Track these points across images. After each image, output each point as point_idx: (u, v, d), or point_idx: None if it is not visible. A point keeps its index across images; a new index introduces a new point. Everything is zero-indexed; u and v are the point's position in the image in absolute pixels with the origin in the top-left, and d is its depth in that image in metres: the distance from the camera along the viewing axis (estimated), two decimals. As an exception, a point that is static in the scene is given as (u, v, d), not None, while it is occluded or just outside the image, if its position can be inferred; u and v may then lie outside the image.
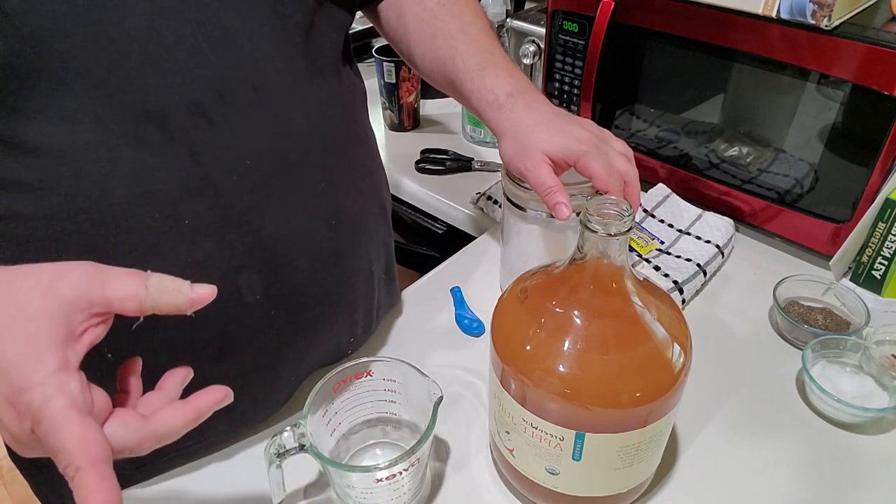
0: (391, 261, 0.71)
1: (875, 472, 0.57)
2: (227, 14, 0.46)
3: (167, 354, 0.50)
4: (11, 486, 1.68)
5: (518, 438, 0.50)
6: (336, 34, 0.57)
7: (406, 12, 0.65)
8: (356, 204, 0.59)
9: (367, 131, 0.63)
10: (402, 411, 0.56)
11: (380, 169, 0.66)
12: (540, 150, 0.56)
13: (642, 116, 0.88)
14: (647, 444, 0.48)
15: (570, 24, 0.87)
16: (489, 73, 0.60)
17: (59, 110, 0.41)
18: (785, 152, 0.76)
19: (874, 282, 0.73)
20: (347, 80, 0.59)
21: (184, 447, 0.58)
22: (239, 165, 0.47)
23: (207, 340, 0.52)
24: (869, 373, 0.63)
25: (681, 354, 0.47)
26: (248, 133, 0.47)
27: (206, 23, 0.45)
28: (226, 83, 0.46)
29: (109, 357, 0.49)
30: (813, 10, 0.65)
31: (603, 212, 0.43)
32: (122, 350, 0.49)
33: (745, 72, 0.75)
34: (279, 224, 0.51)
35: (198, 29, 0.44)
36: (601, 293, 0.46)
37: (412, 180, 1.00)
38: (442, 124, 1.16)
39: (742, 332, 0.72)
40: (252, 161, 0.48)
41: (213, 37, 0.45)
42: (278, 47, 0.49)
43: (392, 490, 0.50)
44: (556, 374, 0.45)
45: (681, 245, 0.79)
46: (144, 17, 0.42)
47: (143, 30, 0.42)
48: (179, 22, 0.44)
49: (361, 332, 0.66)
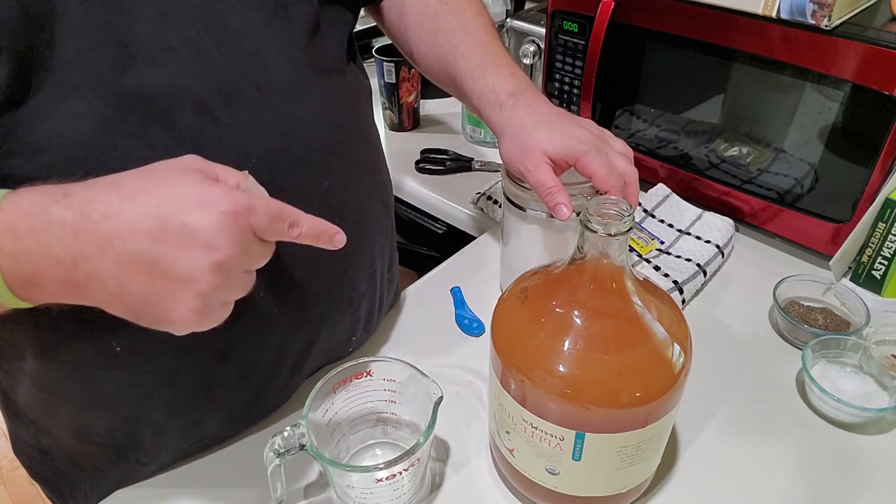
0: (394, 259, 0.71)
1: (875, 472, 0.57)
2: (231, 16, 0.47)
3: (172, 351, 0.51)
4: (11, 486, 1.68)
5: (518, 438, 0.50)
6: (340, 34, 0.57)
7: (408, 11, 0.66)
8: (360, 201, 0.59)
9: (371, 129, 0.63)
10: (402, 411, 0.56)
11: (383, 167, 0.66)
12: (540, 149, 0.56)
13: (642, 116, 0.88)
14: (647, 444, 0.48)
15: (570, 24, 0.87)
16: (490, 72, 0.60)
17: (69, 111, 0.41)
18: (785, 152, 0.76)
19: (874, 282, 0.73)
20: (352, 78, 0.59)
21: (184, 447, 0.58)
22: (244, 164, 0.47)
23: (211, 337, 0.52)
24: (869, 373, 0.63)
25: (681, 354, 0.47)
26: (253, 132, 0.48)
27: (212, 24, 0.46)
28: (231, 83, 0.46)
29: (118, 350, 0.49)
30: (813, 10, 0.65)
31: (603, 212, 0.43)
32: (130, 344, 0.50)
33: (745, 72, 0.75)
34: None
35: (203, 30, 0.45)
36: (601, 293, 0.46)
37: (412, 180, 1.00)
38: (442, 124, 1.16)
39: (742, 332, 0.72)
40: (257, 159, 0.48)
41: (219, 38, 0.46)
42: (283, 48, 0.50)
43: (392, 490, 0.50)
44: (556, 374, 0.45)
45: (681, 245, 0.79)
46: (151, 20, 0.43)
47: (149, 32, 0.43)
48: (185, 24, 0.44)
49: (363, 331, 0.66)
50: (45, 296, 0.37)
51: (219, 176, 0.39)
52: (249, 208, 0.37)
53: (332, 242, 0.43)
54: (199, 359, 0.52)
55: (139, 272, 0.35)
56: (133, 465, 0.57)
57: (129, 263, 0.35)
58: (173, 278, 0.36)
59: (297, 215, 0.40)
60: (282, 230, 0.39)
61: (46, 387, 0.54)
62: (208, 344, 0.52)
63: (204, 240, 0.35)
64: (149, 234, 0.35)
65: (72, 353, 0.50)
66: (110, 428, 0.55)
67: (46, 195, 0.35)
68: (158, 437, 0.56)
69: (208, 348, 0.52)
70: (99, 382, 0.52)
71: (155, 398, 0.53)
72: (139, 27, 0.42)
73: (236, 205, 0.36)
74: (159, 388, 0.53)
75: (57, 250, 0.35)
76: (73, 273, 0.35)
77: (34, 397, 0.56)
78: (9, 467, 1.70)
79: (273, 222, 0.39)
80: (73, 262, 0.35)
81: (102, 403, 0.53)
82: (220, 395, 0.56)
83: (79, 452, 0.58)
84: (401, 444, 0.57)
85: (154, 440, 0.56)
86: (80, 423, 0.56)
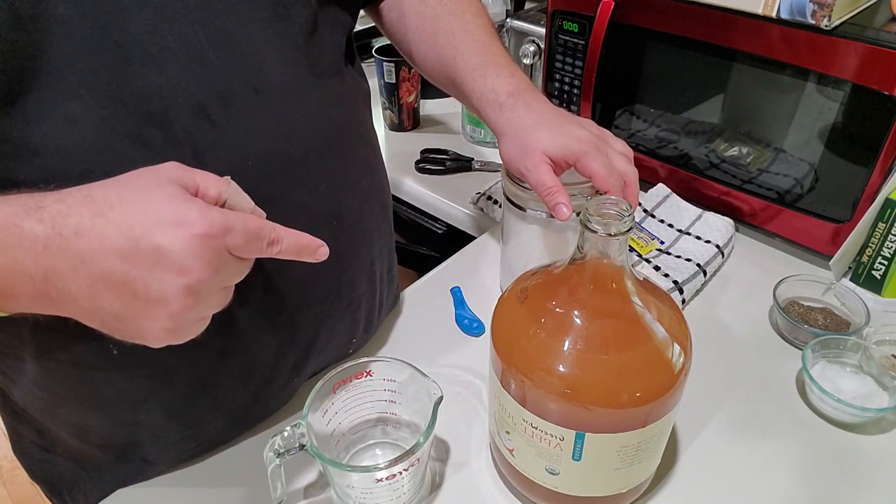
0: (393, 260, 0.71)
1: (875, 472, 0.57)
2: (229, 17, 0.46)
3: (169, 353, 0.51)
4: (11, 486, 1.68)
5: (518, 438, 0.50)
6: (338, 35, 0.57)
7: (407, 11, 0.66)
8: (358, 203, 0.59)
9: (369, 131, 0.63)
10: (402, 411, 0.56)
11: (382, 168, 0.66)
12: (540, 149, 0.56)
13: (642, 116, 0.88)
14: (647, 444, 0.48)
15: (570, 24, 0.87)
16: (490, 72, 0.60)
17: (65, 112, 0.41)
18: (785, 152, 0.76)
19: (874, 282, 0.73)
20: (350, 80, 0.59)
21: (187, 448, 0.58)
22: (241, 166, 0.47)
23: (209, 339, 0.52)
24: (869, 373, 0.64)
25: (681, 354, 0.47)
26: (250, 134, 0.48)
27: (209, 26, 0.45)
28: (228, 85, 0.46)
29: (115, 353, 0.49)
30: (813, 10, 0.65)
31: (603, 212, 0.43)
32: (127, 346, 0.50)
33: (745, 72, 0.75)
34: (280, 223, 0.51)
35: (200, 32, 0.45)
36: (601, 293, 0.46)
37: (412, 180, 1.00)
38: (442, 124, 1.16)
39: (742, 332, 0.72)
40: (254, 161, 0.48)
41: (216, 40, 0.46)
42: (280, 49, 0.49)
43: (392, 490, 0.50)
44: (556, 374, 0.45)
45: (681, 245, 0.79)
46: (148, 21, 0.43)
47: (146, 33, 0.42)
48: (182, 25, 0.44)
49: (363, 332, 0.66)
50: (20, 307, 0.37)
51: (199, 186, 0.39)
52: (226, 229, 0.36)
53: (314, 256, 0.42)
54: (197, 360, 0.52)
55: (111, 291, 0.35)
56: (137, 465, 0.57)
57: (100, 283, 0.35)
58: (144, 299, 0.35)
59: (277, 232, 0.40)
60: (260, 248, 0.39)
61: (45, 386, 0.54)
62: (206, 346, 0.52)
63: (176, 262, 0.35)
64: (120, 254, 0.34)
65: (69, 354, 0.50)
66: (108, 430, 0.55)
67: (18, 207, 0.35)
68: (158, 439, 0.56)
69: (206, 350, 0.52)
70: (96, 384, 0.52)
71: (153, 401, 0.53)
72: (136, 28, 0.42)
73: (211, 226, 0.36)
74: (157, 390, 0.53)
75: (28, 265, 0.34)
76: (46, 288, 0.35)
77: (34, 396, 0.56)
78: (9, 467, 1.70)
79: (251, 241, 0.38)
80: (44, 277, 0.35)
81: (100, 405, 0.53)
82: (219, 397, 0.55)
83: (80, 452, 0.58)
84: (401, 444, 0.57)
85: (154, 443, 0.56)
86: (79, 424, 0.56)
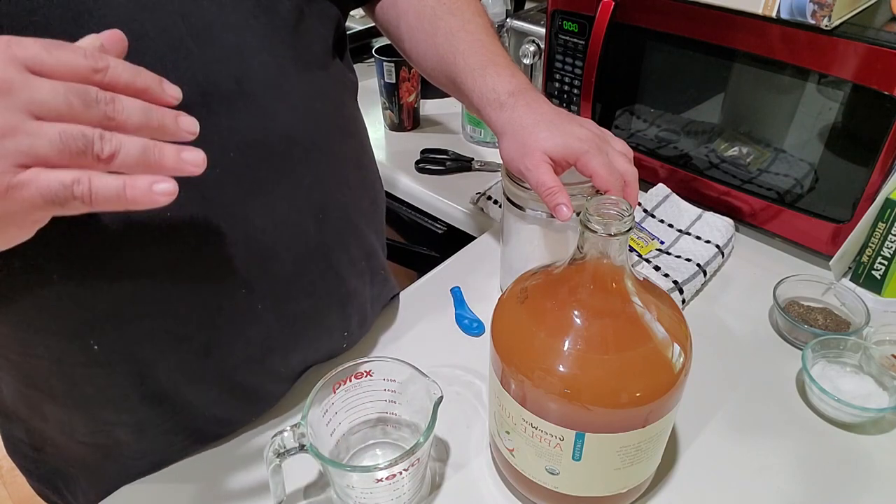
0: (384, 255, 0.70)
1: (875, 472, 0.57)
2: (210, 7, 0.46)
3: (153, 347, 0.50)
4: (11, 486, 1.68)
5: (518, 438, 0.50)
6: (325, 28, 0.56)
7: (406, 10, 0.65)
8: (345, 198, 0.59)
9: (356, 125, 0.62)
10: (402, 411, 0.56)
11: (371, 163, 0.65)
12: (540, 149, 0.56)
13: (642, 116, 0.88)
14: (647, 444, 0.48)
15: (570, 24, 0.87)
16: (490, 71, 0.60)
17: None
18: (785, 152, 0.76)
19: (874, 282, 0.73)
20: (336, 73, 0.58)
21: (176, 441, 0.57)
22: (222, 158, 0.47)
23: (194, 334, 0.52)
24: (869, 373, 0.63)
25: (681, 354, 0.47)
26: (231, 125, 0.47)
27: (189, 15, 0.45)
28: (208, 76, 0.46)
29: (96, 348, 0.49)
30: (813, 10, 0.65)
31: (603, 212, 0.43)
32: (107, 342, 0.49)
33: (745, 72, 0.75)
34: (264, 217, 0.51)
35: (180, 21, 0.44)
36: (601, 293, 0.46)
37: (412, 180, 1.00)
38: (442, 124, 1.16)
39: (742, 332, 0.72)
40: (235, 154, 0.48)
41: (196, 30, 0.45)
42: (264, 40, 0.49)
43: (392, 490, 0.50)
44: (556, 374, 0.45)
45: (681, 245, 0.79)
46: (126, 10, 0.42)
47: (124, 23, 0.41)
48: (161, 14, 0.43)
49: (357, 326, 0.65)
50: None
51: None
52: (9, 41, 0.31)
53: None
54: (182, 354, 0.52)
55: None
56: (126, 462, 0.57)
57: None
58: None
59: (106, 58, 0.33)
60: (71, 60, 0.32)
61: (30, 383, 0.54)
62: (191, 340, 0.52)
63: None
64: None
65: (50, 351, 0.50)
66: (92, 429, 0.55)
67: None
68: (141, 434, 0.55)
69: (191, 344, 0.52)
70: (77, 381, 0.51)
71: (134, 397, 0.53)
72: (115, 15, 0.41)
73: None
74: (138, 386, 0.52)
75: None
76: None
77: (20, 394, 0.55)
78: (8, 467, 1.70)
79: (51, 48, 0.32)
80: None
81: (82, 404, 0.53)
82: (203, 391, 0.55)
83: (69, 450, 0.58)
84: (401, 444, 0.57)
85: (137, 439, 0.55)
86: (63, 421, 0.56)
